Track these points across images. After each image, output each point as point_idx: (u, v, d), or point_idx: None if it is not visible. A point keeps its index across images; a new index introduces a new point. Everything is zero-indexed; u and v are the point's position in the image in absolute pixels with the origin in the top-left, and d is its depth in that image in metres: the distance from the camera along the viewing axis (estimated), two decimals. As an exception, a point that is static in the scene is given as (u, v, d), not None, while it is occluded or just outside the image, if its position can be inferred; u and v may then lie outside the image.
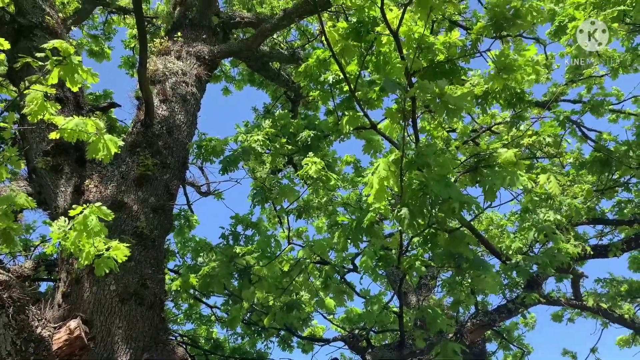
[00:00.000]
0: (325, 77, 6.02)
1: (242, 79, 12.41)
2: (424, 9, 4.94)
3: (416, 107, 5.11)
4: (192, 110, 6.96)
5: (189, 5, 8.07)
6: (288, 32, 11.09)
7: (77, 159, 5.98)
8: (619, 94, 9.91)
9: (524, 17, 4.94)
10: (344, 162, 10.70)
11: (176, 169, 6.40)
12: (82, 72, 3.51)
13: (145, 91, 5.84)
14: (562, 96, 10.17)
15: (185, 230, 9.43)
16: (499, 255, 7.40)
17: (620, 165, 6.88)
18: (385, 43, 5.59)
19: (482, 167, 5.44)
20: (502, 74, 5.02)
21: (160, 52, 7.36)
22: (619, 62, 8.18)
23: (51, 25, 6.39)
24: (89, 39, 11.18)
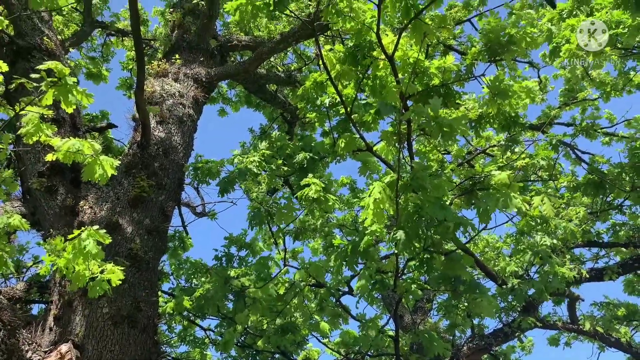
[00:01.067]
0: (322, 99, 6.08)
1: (239, 100, 12.50)
2: (419, 34, 5.02)
3: (412, 130, 5.15)
4: (188, 131, 6.98)
5: (187, 28, 8.16)
6: (285, 55, 11.21)
7: (73, 179, 5.97)
8: (612, 117, 10.04)
9: (519, 43, 5.02)
10: (340, 183, 10.72)
11: (172, 190, 6.39)
12: (76, 93, 3.52)
13: (142, 113, 5.86)
14: (556, 119, 10.28)
15: (179, 251, 9.36)
16: (495, 278, 7.37)
17: (613, 188, 6.92)
18: (382, 67, 5.66)
19: (477, 189, 5.47)
20: (497, 99, 5.08)
21: (157, 74, 7.42)
22: (611, 85, 8.29)
23: (49, 47, 6.43)
24: (87, 60, 11.26)
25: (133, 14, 5.34)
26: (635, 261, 8.81)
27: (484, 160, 9.03)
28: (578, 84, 9.34)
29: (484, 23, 5.03)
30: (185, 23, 8.21)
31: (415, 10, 4.88)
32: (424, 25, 4.85)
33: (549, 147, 6.77)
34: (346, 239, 5.79)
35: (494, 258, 8.95)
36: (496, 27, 4.99)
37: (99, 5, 10.67)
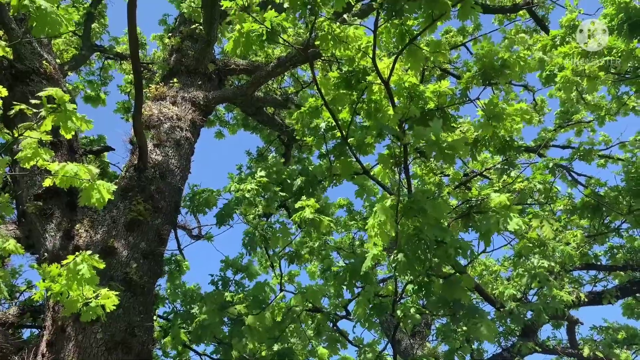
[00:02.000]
0: (318, 122, 6.12)
1: (236, 123, 12.56)
2: (414, 59, 5.09)
3: (408, 153, 5.17)
4: (185, 154, 6.99)
5: (185, 52, 8.24)
6: (282, 79, 11.32)
7: (69, 203, 5.94)
8: (607, 140, 10.12)
9: (512, 67, 5.09)
10: (337, 205, 10.72)
11: (168, 213, 6.37)
12: (76, 119, 3.53)
13: (140, 137, 5.88)
14: (552, 141, 10.36)
15: (175, 275, 9.27)
16: (493, 302, 7.32)
17: (611, 212, 6.93)
18: (376, 91, 5.72)
19: (474, 212, 5.47)
20: (492, 122, 5.13)
21: (155, 98, 7.46)
22: (606, 109, 8.39)
23: (48, 71, 6.47)
24: (85, 83, 11.33)
25: (132, 39, 5.40)
26: (633, 285, 8.78)
27: (481, 183, 9.05)
28: (573, 107, 9.44)
29: (477, 48, 5.10)
30: (184, 47, 8.30)
31: (410, 35, 4.96)
32: (419, 50, 4.91)
33: (546, 170, 6.80)
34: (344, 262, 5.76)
35: (492, 281, 8.90)
36: (490, 52, 5.07)
37: (98, 30, 10.79)
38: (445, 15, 4.39)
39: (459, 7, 4.50)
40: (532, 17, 10.44)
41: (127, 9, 5.03)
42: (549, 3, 11.05)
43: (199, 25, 8.18)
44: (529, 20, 11.09)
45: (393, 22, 4.68)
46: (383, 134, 4.80)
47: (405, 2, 4.38)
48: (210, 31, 7.65)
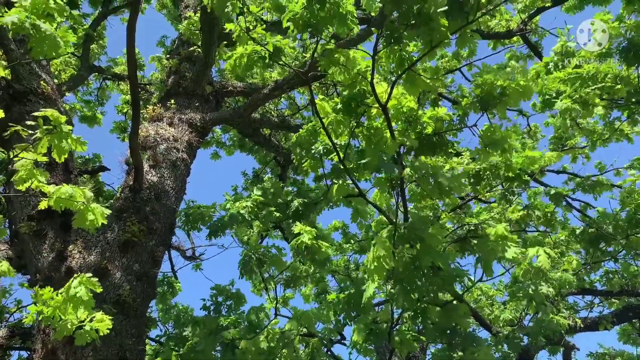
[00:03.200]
0: (317, 146, 6.13)
1: (233, 144, 12.58)
2: (412, 84, 5.13)
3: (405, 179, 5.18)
4: (181, 175, 6.97)
5: (183, 74, 8.28)
6: (279, 101, 11.38)
7: (62, 224, 5.87)
8: (602, 167, 10.21)
9: (511, 95, 5.12)
10: (332, 227, 10.67)
11: (163, 235, 6.32)
12: (71, 140, 3.52)
13: (136, 158, 5.86)
14: (547, 166, 10.41)
15: (168, 296, 9.16)
16: (489, 327, 7.26)
17: (610, 242, 6.93)
18: (375, 115, 5.75)
19: (470, 237, 5.46)
20: (489, 149, 5.15)
21: (152, 119, 7.46)
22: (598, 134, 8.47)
23: (46, 92, 6.47)
24: (82, 103, 11.34)
25: (130, 61, 5.42)
26: (629, 311, 8.75)
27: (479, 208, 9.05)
28: (567, 132, 9.53)
29: (476, 75, 5.15)
30: (182, 69, 8.34)
31: (409, 61, 5.01)
32: (417, 76, 4.96)
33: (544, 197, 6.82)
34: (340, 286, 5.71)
35: (488, 306, 8.84)
36: (488, 80, 5.11)
37: (97, 51, 10.86)
38: (444, 42, 4.44)
39: (458, 35, 4.56)
40: (525, 43, 10.61)
41: (127, 32, 5.07)
42: (541, 30, 11.26)
43: (197, 47, 8.25)
44: (523, 46, 11.27)
45: (392, 48, 4.73)
46: (384, 168, 4.79)
47: (404, 29, 4.43)
48: (209, 53, 7.70)
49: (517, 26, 9.71)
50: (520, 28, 9.38)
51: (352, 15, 4.64)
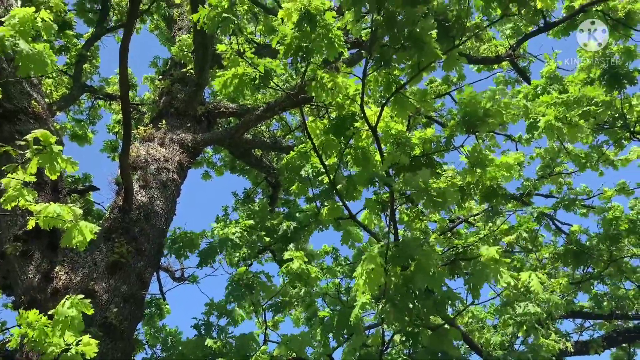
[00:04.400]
0: (307, 168, 6.17)
1: (224, 164, 12.58)
2: (401, 107, 5.20)
3: (395, 199, 5.21)
4: (171, 196, 6.95)
5: (175, 95, 8.33)
6: (271, 122, 11.45)
7: (49, 244, 5.81)
8: (588, 191, 10.36)
9: (494, 116, 5.21)
10: (323, 252, 10.62)
11: (151, 256, 6.27)
12: (61, 161, 3.52)
13: (126, 178, 5.85)
14: (536, 191, 10.52)
15: (155, 318, 9.03)
16: (479, 351, 7.21)
17: (592, 258, 6.98)
18: (364, 137, 5.81)
19: (460, 260, 5.47)
20: (476, 169, 5.21)
21: (143, 139, 7.47)
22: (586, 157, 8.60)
23: (37, 111, 6.47)
24: (73, 122, 11.33)
25: (122, 82, 5.46)
26: (619, 335, 8.74)
27: (467, 231, 9.09)
28: (554, 157, 9.66)
29: (460, 97, 5.24)
30: (174, 90, 8.39)
31: (396, 84, 5.09)
32: (405, 99, 5.03)
33: (532, 219, 6.89)
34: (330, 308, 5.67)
35: (478, 329, 8.80)
36: (472, 101, 5.20)
37: (90, 70, 10.90)
38: (431, 66, 4.52)
39: (445, 58, 4.65)
40: (514, 68, 10.81)
41: (120, 54, 5.12)
42: (529, 55, 11.49)
43: (190, 69, 8.31)
44: (512, 70, 11.48)
45: (381, 72, 4.81)
46: (373, 181, 4.83)
47: (394, 51, 4.52)
48: (201, 75, 7.77)
49: (505, 52, 9.90)
50: (509, 53, 9.57)
51: (339, 39, 4.72)
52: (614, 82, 6.04)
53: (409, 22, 4.25)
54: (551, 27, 9.24)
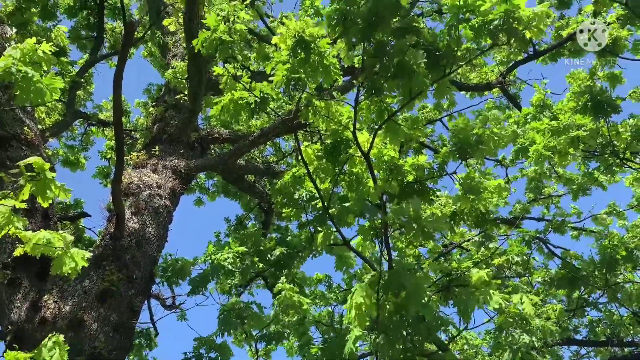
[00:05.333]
0: (300, 193, 6.16)
1: (217, 190, 12.54)
2: (393, 134, 5.24)
3: (388, 225, 5.20)
4: (163, 223, 6.90)
5: (168, 121, 8.35)
6: (264, 148, 11.48)
7: (39, 272, 5.73)
8: (579, 212, 10.40)
9: (486, 142, 5.26)
10: (315, 279, 10.53)
11: (142, 283, 6.19)
12: (54, 188, 3.49)
13: (118, 205, 5.81)
14: (527, 214, 10.56)
15: (144, 348, 8.84)
16: (475, 378, 7.11)
17: (587, 285, 6.97)
18: (358, 163, 5.83)
19: (454, 286, 5.43)
20: (469, 196, 5.23)
21: (136, 165, 7.46)
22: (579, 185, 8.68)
23: (29, 137, 6.46)
24: (65, 149, 11.30)
25: (116, 109, 5.47)
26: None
27: (460, 256, 9.07)
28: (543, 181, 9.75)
29: (453, 124, 5.29)
30: (167, 116, 8.42)
31: (388, 112, 5.14)
32: (397, 126, 5.07)
33: (522, 243, 6.90)
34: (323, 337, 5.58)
35: (473, 356, 8.70)
36: (465, 128, 5.26)
37: (83, 97, 10.93)
38: (422, 94, 4.58)
39: (435, 86, 4.71)
40: (504, 95, 10.97)
41: (114, 81, 5.14)
42: (519, 81, 11.69)
43: (184, 95, 8.36)
44: (502, 97, 11.65)
45: (373, 100, 4.86)
46: (367, 211, 4.83)
47: (384, 80, 4.57)
48: (195, 102, 7.81)
49: (496, 79, 10.06)
50: (499, 80, 9.73)
51: (334, 67, 4.78)
52: (599, 111, 6.16)
53: (399, 52, 4.31)
54: (540, 55, 9.44)
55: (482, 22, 4.15)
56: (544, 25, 4.20)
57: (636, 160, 7.20)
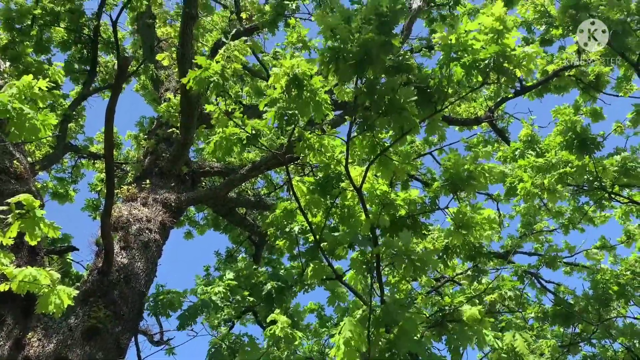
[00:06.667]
0: (292, 226, 6.13)
1: (207, 223, 12.45)
2: (385, 168, 5.28)
3: (380, 260, 5.17)
4: (152, 257, 6.81)
5: (160, 154, 8.34)
6: (255, 180, 11.48)
7: (24, 308, 5.58)
8: (570, 247, 10.45)
9: (477, 178, 5.31)
10: (308, 310, 10.39)
11: (130, 320, 6.05)
12: (44, 225, 3.45)
13: (107, 239, 5.73)
14: (519, 249, 10.59)
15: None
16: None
17: (581, 320, 6.94)
18: (350, 197, 5.84)
19: (447, 321, 5.38)
20: (461, 230, 5.23)
21: (126, 198, 7.40)
22: (569, 219, 8.75)
23: (18, 171, 6.40)
24: (54, 181, 11.21)
25: (107, 143, 5.45)
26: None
27: (452, 290, 9.02)
28: (535, 216, 9.82)
29: (445, 160, 5.34)
30: (159, 149, 8.41)
31: (381, 147, 5.19)
32: (389, 161, 5.11)
33: (514, 277, 6.89)
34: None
35: (467, 393, 8.53)
36: (457, 164, 5.31)
37: (74, 129, 10.92)
38: (414, 130, 4.63)
39: (427, 123, 4.78)
40: (493, 129, 11.14)
41: (106, 117, 5.15)
42: (507, 116, 11.89)
43: (176, 129, 8.38)
44: (491, 130, 11.83)
45: (365, 135, 4.91)
46: (358, 243, 4.82)
47: (376, 117, 4.63)
48: (187, 135, 7.83)
49: (484, 113, 10.24)
50: (488, 115, 9.90)
51: (326, 102, 4.84)
52: (583, 148, 6.30)
53: (389, 90, 4.39)
54: (527, 91, 9.66)
55: (473, 60, 4.25)
56: (533, 64, 4.30)
57: (624, 194, 7.29)
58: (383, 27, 4.35)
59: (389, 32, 4.37)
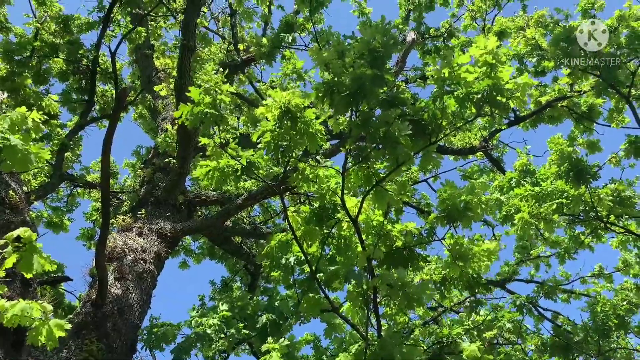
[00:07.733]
0: (288, 257, 6.09)
1: (202, 252, 12.36)
2: (381, 199, 5.29)
3: (377, 292, 5.13)
4: (147, 288, 6.73)
5: (156, 184, 8.34)
6: (251, 209, 11.46)
7: (14, 341, 5.48)
8: (567, 275, 10.42)
9: (474, 210, 5.31)
10: (303, 341, 10.22)
11: (123, 353, 5.94)
12: (40, 259, 3.41)
13: (101, 270, 5.68)
14: (515, 275, 10.54)
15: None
16: None
17: (581, 352, 6.86)
18: (346, 228, 5.83)
19: (445, 354, 5.32)
20: (459, 262, 5.21)
21: (121, 228, 7.36)
22: (565, 249, 8.74)
23: (13, 201, 6.37)
24: (49, 210, 11.15)
25: (104, 174, 5.45)
26: None
27: (450, 317, 8.93)
28: (530, 242, 9.81)
29: (441, 191, 5.36)
30: (155, 179, 8.41)
31: (376, 177, 5.21)
32: (385, 192, 5.12)
33: (513, 308, 6.84)
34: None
35: None
36: (453, 195, 5.33)
37: (71, 159, 10.92)
38: (409, 161, 4.66)
39: (422, 155, 4.81)
40: (487, 159, 11.23)
41: (103, 147, 5.16)
42: (502, 145, 12.00)
43: (173, 158, 8.40)
44: (486, 160, 11.92)
45: (360, 166, 4.93)
46: (352, 277, 4.79)
47: (371, 149, 4.66)
48: (183, 165, 7.84)
49: (479, 143, 10.33)
50: (482, 145, 9.99)
51: (320, 133, 4.88)
52: (579, 178, 6.34)
53: (384, 123, 4.43)
54: (521, 121, 9.78)
55: (467, 93, 4.30)
56: (526, 95, 4.36)
57: (620, 224, 7.31)
58: (376, 61, 4.43)
59: (381, 66, 4.44)
